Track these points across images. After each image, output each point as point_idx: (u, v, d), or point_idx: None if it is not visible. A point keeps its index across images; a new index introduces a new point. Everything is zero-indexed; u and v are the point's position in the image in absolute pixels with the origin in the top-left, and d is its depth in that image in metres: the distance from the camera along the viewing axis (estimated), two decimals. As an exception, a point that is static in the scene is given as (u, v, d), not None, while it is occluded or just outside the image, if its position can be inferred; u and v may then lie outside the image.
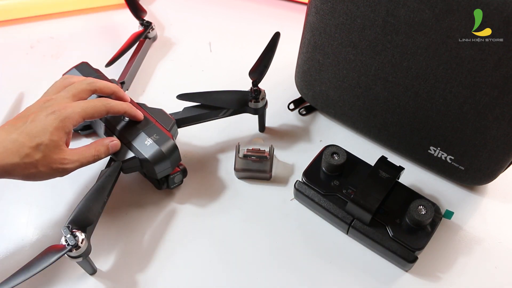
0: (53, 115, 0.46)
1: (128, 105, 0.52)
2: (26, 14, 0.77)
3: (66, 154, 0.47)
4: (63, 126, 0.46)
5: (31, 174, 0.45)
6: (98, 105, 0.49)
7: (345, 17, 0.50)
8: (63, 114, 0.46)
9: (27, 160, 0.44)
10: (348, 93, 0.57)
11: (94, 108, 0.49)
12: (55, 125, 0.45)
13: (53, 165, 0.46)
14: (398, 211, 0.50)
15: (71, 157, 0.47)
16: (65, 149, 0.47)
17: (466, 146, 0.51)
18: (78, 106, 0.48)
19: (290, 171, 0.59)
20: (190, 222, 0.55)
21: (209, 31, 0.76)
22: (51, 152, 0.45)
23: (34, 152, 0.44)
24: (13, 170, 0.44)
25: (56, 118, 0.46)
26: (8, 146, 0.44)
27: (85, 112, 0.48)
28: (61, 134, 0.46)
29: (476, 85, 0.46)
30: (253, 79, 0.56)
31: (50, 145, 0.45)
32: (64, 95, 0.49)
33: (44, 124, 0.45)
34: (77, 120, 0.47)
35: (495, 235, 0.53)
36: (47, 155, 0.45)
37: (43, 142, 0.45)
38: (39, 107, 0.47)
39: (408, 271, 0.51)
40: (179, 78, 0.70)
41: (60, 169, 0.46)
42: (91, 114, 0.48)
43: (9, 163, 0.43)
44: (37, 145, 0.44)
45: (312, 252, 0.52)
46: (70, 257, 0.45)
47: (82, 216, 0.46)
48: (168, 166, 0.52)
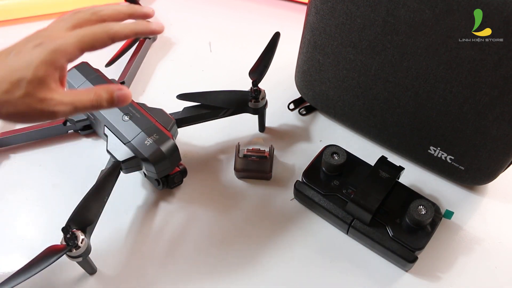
0: (40, 47, 0.38)
1: (136, 24, 0.42)
2: (26, 14, 0.77)
3: (55, 93, 0.38)
4: (52, 60, 0.37)
5: (11, 115, 0.38)
6: (98, 31, 0.39)
7: (345, 17, 0.50)
8: (52, 46, 0.38)
9: (5, 97, 0.37)
10: (348, 93, 0.57)
11: (93, 35, 0.39)
12: (41, 58, 0.37)
13: (37, 105, 0.37)
14: (398, 211, 0.50)
15: (61, 97, 0.38)
16: (55, 88, 0.38)
17: (466, 146, 0.51)
18: (72, 36, 0.39)
19: (290, 171, 0.59)
20: (190, 222, 0.55)
21: (209, 31, 0.76)
22: (35, 90, 0.37)
23: (14, 88, 0.37)
24: None
25: (44, 50, 0.38)
26: None
27: (81, 42, 0.38)
28: (50, 70, 0.37)
29: (476, 85, 0.46)
30: (253, 79, 0.56)
31: (33, 81, 0.37)
32: (61, 25, 0.40)
33: (29, 57, 0.37)
34: (72, 52, 0.38)
35: (495, 235, 0.53)
36: (29, 93, 0.37)
37: (25, 77, 0.37)
38: (28, 38, 0.39)
39: (408, 271, 0.51)
40: (179, 78, 0.70)
41: (47, 111, 0.38)
42: (91, 44, 0.39)
43: None
44: (18, 80, 0.37)
45: (312, 252, 0.52)
46: (70, 257, 0.45)
47: (81, 216, 0.46)
48: (168, 166, 0.52)
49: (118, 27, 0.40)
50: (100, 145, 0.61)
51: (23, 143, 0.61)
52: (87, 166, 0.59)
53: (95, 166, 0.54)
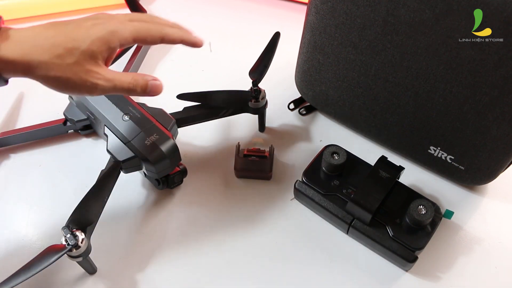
0: (101, 26, 0.41)
1: (185, 32, 0.46)
2: (26, 14, 0.77)
3: (100, 69, 0.41)
4: (108, 40, 0.41)
5: (57, 79, 0.40)
6: (153, 29, 0.44)
7: (345, 17, 0.50)
8: (111, 27, 0.41)
9: (57, 61, 0.39)
10: (348, 93, 0.57)
11: (148, 31, 0.43)
12: (100, 35, 0.40)
13: (83, 75, 0.40)
14: (398, 211, 0.50)
15: (105, 73, 0.41)
16: (101, 64, 0.41)
17: (466, 146, 0.51)
18: (130, 25, 0.43)
19: (290, 171, 0.59)
20: (190, 222, 0.55)
21: (209, 31, 0.76)
22: (85, 61, 0.40)
23: (67, 54, 0.39)
24: (38, 68, 0.39)
25: (104, 28, 0.41)
26: (39, 42, 0.39)
27: (137, 32, 0.43)
28: (103, 47, 0.41)
29: (476, 85, 0.46)
30: (253, 79, 0.56)
31: (86, 53, 0.40)
32: (121, 16, 0.44)
33: (88, 31, 0.40)
34: (126, 38, 0.42)
35: (495, 235, 0.53)
36: (79, 62, 0.40)
37: (80, 47, 0.40)
38: (90, 16, 0.43)
39: (408, 271, 0.51)
40: (179, 78, 0.70)
41: (90, 83, 0.40)
42: (144, 37, 0.43)
43: (36, 60, 0.39)
44: (72, 48, 0.39)
45: (312, 252, 0.52)
46: (70, 257, 0.45)
47: (82, 216, 0.46)
48: (168, 166, 0.52)
49: (170, 30, 0.45)
50: (100, 145, 0.61)
51: (23, 143, 0.61)
52: (87, 166, 0.59)
53: (95, 166, 0.54)
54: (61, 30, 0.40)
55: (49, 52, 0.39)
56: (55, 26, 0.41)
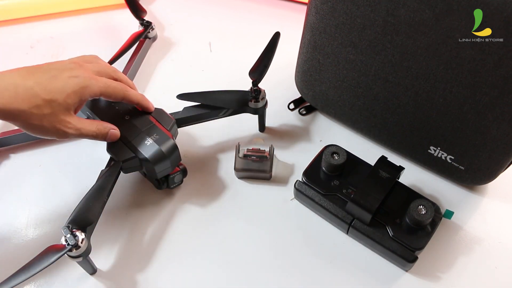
0: (77, 79, 0.46)
1: (142, 96, 0.53)
2: (26, 14, 0.77)
3: (72, 118, 0.47)
4: (82, 93, 0.46)
5: (34, 126, 0.45)
6: (118, 87, 0.50)
7: (345, 17, 0.50)
8: (86, 82, 0.47)
9: (35, 111, 0.44)
10: (348, 93, 0.57)
11: (114, 88, 0.49)
12: (75, 89, 0.46)
13: (57, 124, 0.46)
14: (398, 211, 0.50)
15: (75, 123, 0.47)
16: (73, 114, 0.47)
17: (466, 146, 0.51)
18: (102, 81, 0.48)
19: (290, 171, 0.59)
20: (190, 222, 0.55)
21: (209, 31, 0.76)
22: (60, 112, 0.45)
23: (45, 105, 0.44)
24: (18, 116, 0.44)
25: (78, 83, 0.46)
26: (20, 92, 0.43)
27: (106, 88, 0.48)
28: (76, 100, 0.46)
29: (476, 85, 0.46)
30: (253, 79, 0.56)
31: (62, 105, 0.45)
32: (90, 67, 0.49)
33: (64, 83, 0.45)
34: (95, 93, 0.48)
35: (495, 235, 0.53)
36: (55, 113, 0.45)
37: (57, 100, 0.45)
38: (64, 66, 0.47)
39: (408, 271, 0.51)
40: (179, 78, 0.70)
41: (62, 131, 0.46)
42: (109, 94, 0.49)
43: (16, 109, 0.43)
44: (50, 100, 0.44)
45: (312, 252, 0.52)
46: (70, 257, 0.45)
47: (82, 216, 0.46)
48: (168, 166, 0.52)
49: (132, 92, 0.52)
50: (100, 145, 0.61)
51: (23, 143, 0.61)
52: (87, 166, 0.59)
53: (95, 166, 0.54)
54: (39, 80, 0.45)
55: (29, 103, 0.43)
56: (33, 75, 0.45)
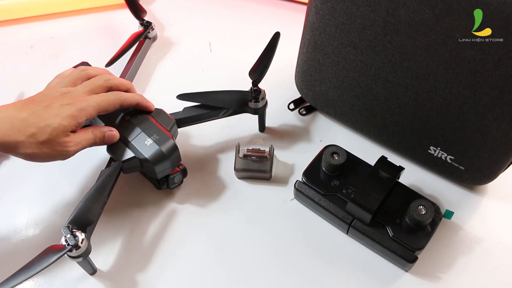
0: (69, 106, 0.47)
1: (140, 96, 0.54)
2: (26, 14, 0.77)
3: (70, 138, 0.47)
4: (77, 116, 0.47)
5: (34, 155, 0.46)
6: (112, 98, 0.50)
7: (345, 17, 0.50)
8: (79, 106, 0.47)
9: (32, 139, 0.45)
10: (348, 93, 0.57)
11: (108, 101, 0.50)
12: (69, 113, 0.46)
13: (57, 147, 0.46)
14: (398, 211, 0.50)
15: (74, 139, 0.48)
16: (70, 135, 0.47)
17: (466, 146, 0.51)
18: (93, 100, 0.49)
19: (290, 171, 0.59)
20: (190, 222, 0.55)
21: (209, 31, 0.76)
22: (57, 136, 0.46)
23: (40, 132, 0.45)
24: (17, 148, 0.45)
25: (71, 108, 0.47)
26: (15, 124, 0.45)
27: (99, 105, 0.49)
28: (72, 122, 0.47)
29: (476, 85, 0.46)
30: (253, 79, 0.56)
31: (58, 129, 0.46)
32: (81, 89, 0.50)
33: (58, 110, 0.46)
34: (91, 113, 0.48)
35: (495, 235, 0.53)
36: (52, 138, 0.46)
37: (52, 124, 0.45)
38: (56, 97, 0.48)
39: (408, 271, 0.51)
40: (179, 78, 0.70)
41: (64, 151, 0.47)
42: (106, 108, 0.50)
43: (13, 140, 0.44)
44: (45, 126, 0.45)
45: (312, 252, 0.52)
46: (70, 257, 0.45)
47: (82, 216, 0.46)
48: (168, 166, 0.52)
49: (128, 97, 0.52)
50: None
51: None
52: (87, 166, 0.59)
53: (95, 166, 0.54)
54: (33, 111, 0.46)
55: (24, 132, 0.45)
56: (27, 107, 0.46)
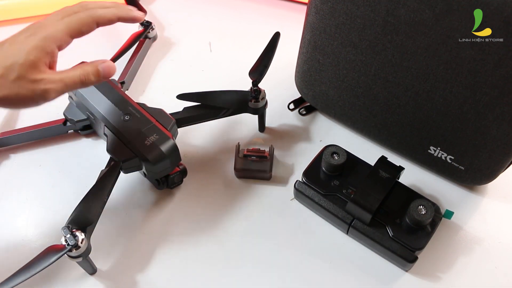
0: (33, 36, 0.41)
1: (118, 9, 0.46)
2: (26, 14, 0.77)
3: (45, 74, 0.41)
4: (43, 45, 0.41)
5: (8, 98, 0.40)
6: (83, 16, 0.43)
7: (345, 17, 0.50)
8: (43, 33, 0.41)
9: (2, 81, 0.40)
10: (348, 93, 0.57)
11: (79, 21, 0.43)
12: (33, 44, 0.41)
13: (29, 85, 0.41)
14: (398, 211, 0.50)
15: (51, 76, 0.42)
16: (45, 70, 0.42)
17: (466, 146, 0.51)
18: (61, 23, 0.42)
19: (290, 171, 0.59)
20: (190, 222, 0.55)
21: (209, 31, 0.76)
22: (27, 72, 0.40)
23: (8, 71, 0.40)
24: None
25: (36, 38, 0.41)
26: None
27: (69, 28, 0.42)
28: (40, 54, 0.41)
29: (476, 85, 0.46)
30: (253, 79, 0.56)
31: (25, 64, 0.40)
32: (53, 17, 0.43)
33: (22, 45, 0.41)
34: (61, 38, 0.42)
35: (495, 235, 0.53)
36: (22, 75, 0.40)
37: (17, 61, 0.40)
38: (19, 32, 0.43)
39: (408, 271, 0.51)
40: (179, 78, 0.70)
41: (40, 90, 0.41)
42: (78, 29, 0.43)
43: None
44: (11, 64, 0.40)
45: (312, 252, 0.52)
46: (70, 257, 0.45)
47: (82, 216, 0.46)
48: (168, 166, 0.52)
49: (102, 11, 0.44)
50: (100, 145, 0.61)
51: (23, 143, 0.61)
52: (87, 166, 0.59)
53: (95, 166, 0.54)
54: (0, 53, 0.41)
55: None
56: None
